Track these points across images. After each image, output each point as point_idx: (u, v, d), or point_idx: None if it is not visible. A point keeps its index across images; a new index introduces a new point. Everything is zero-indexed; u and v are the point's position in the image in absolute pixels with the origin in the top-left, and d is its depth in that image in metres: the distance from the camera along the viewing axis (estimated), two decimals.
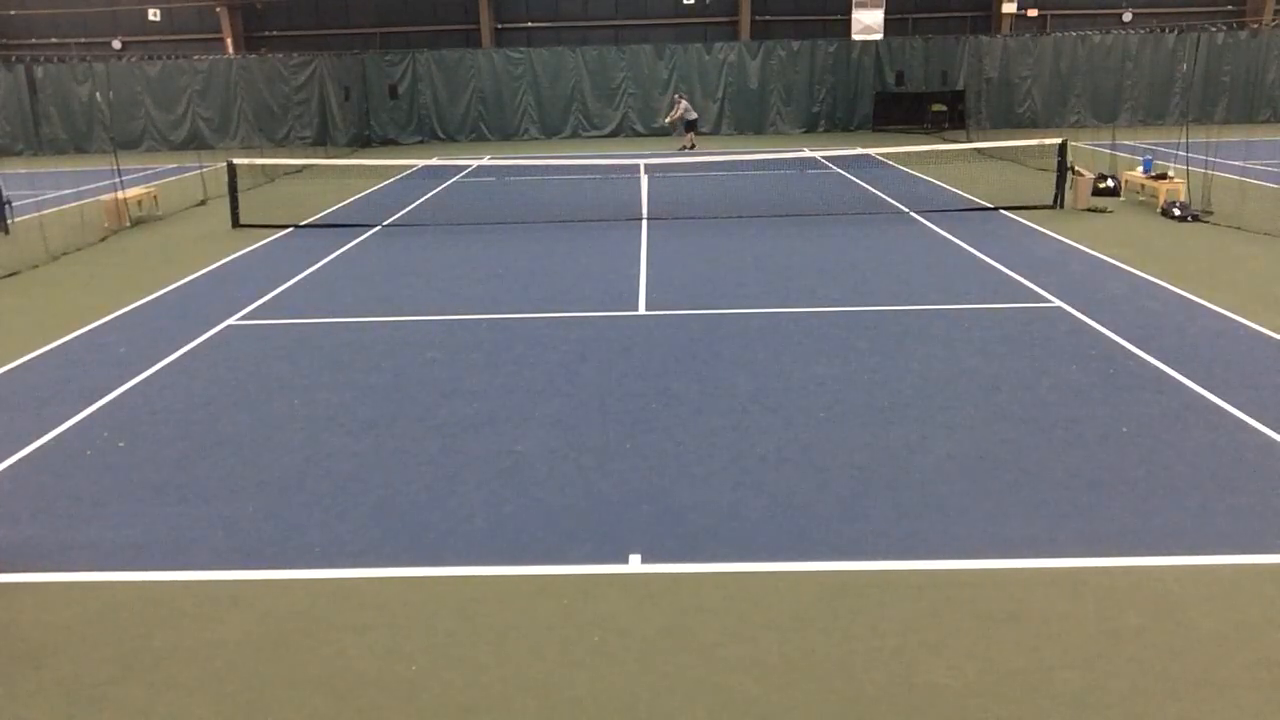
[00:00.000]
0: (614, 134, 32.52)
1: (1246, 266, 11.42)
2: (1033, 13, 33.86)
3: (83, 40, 34.60)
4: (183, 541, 5.46)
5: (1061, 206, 15.87)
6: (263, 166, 22.25)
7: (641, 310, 10.13)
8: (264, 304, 10.87)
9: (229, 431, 7.06)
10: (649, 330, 9.39)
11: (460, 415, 7.25)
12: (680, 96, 28.03)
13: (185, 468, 6.44)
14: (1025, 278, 11.05)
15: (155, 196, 18.12)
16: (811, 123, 32.44)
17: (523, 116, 32.64)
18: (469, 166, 22.67)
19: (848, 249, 12.94)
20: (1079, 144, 21.08)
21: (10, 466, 6.54)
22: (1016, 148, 19.71)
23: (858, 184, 19.26)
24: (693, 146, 27.07)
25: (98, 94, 31.25)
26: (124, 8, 34.95)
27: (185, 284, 12.00)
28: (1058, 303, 9.96)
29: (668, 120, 28.32)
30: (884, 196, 17.47)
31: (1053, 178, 16.41)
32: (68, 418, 7.39)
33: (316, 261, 13.09)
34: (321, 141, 31.12)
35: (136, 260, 13.73)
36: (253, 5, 34.58)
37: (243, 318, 10.29)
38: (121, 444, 6.88)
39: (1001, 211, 15.56)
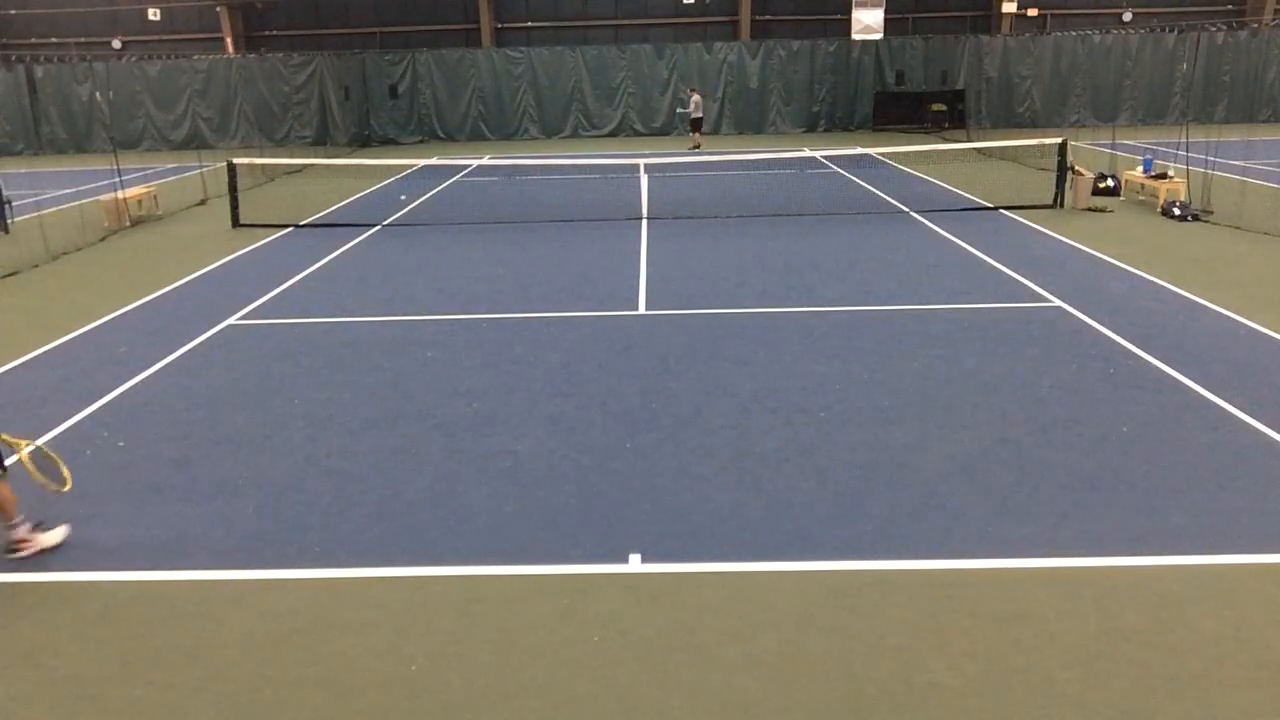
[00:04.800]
0: (614, 134, 32.52)
1: (1246, 266, 11.42)
2: (1033, 12, 33.86)
3: (83, 40, 34.60)
4: (183, 541, 5.46)
5: (1061, 206, 15.87)
6: (263, 166, 22.26)
7: (641, 310, 10.13)
8: (264, 304, 10.86)
9: (229, 431, 7.06)
10: (649, 330, 9.39)
11: (460, 415, 7.25)
12: (692, 90, 27.95)
13: (185, 468, 6.44)
14: (1025, 278, 11.05)
15: (155, 196, 18.11)
16: (811, 122, 32.44)
17: (522, 116, 32.64)
18: (469, 166, 22.67)
19: (848, 249, 12.94)
20: (1079, 144, 21.05)
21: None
22: (1016, 147, 19.71)
23: (858, 184, 19.25)
24: (698, 146, 27.08)
25: (97, 94, 31.24)
26: (124, 7, 34.95)
27: (185, 284, 12.00)
28: (1058, 303, 9.96)
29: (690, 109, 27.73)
30: (884, 196, 17.46)
31: (1053, 177, 16.41)
32: (68, 418, 7.39)
33: (316, 261, 13.08)
34: (321, 141, 31.12)
35: (136, 260, 13.73)
36: (253, 5, 34.56)
37: (243, 318, 10.29)
38: (121, 444, 6.88)
39: (1001, 211, 15.56)
